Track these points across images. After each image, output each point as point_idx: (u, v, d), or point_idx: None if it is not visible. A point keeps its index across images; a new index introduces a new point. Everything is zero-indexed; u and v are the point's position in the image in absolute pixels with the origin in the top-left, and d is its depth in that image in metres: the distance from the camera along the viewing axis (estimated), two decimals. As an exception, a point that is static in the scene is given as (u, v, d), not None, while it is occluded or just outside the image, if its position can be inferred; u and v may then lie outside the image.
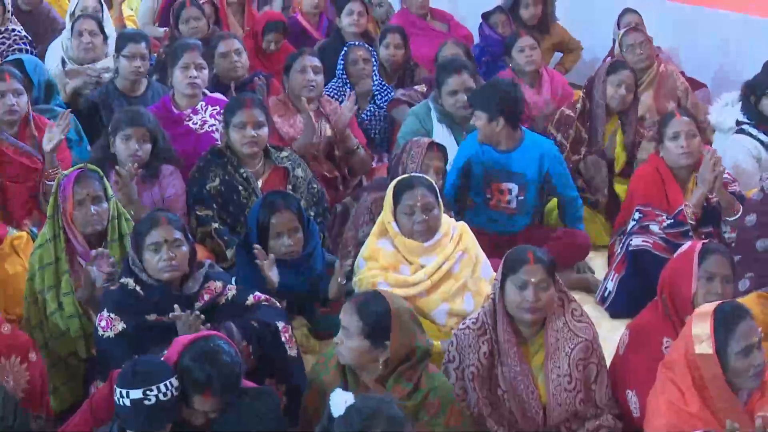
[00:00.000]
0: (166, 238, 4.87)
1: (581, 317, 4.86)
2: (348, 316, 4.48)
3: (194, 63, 6.98)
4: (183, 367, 4.19)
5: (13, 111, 6.39)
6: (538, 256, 4.75)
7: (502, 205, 6.58)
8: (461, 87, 7.04)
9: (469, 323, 4.84)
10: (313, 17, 9.88)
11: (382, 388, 4.44)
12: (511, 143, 6.55)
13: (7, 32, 8.61)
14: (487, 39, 9.21)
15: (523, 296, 4.69)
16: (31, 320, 5.40)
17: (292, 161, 6.42)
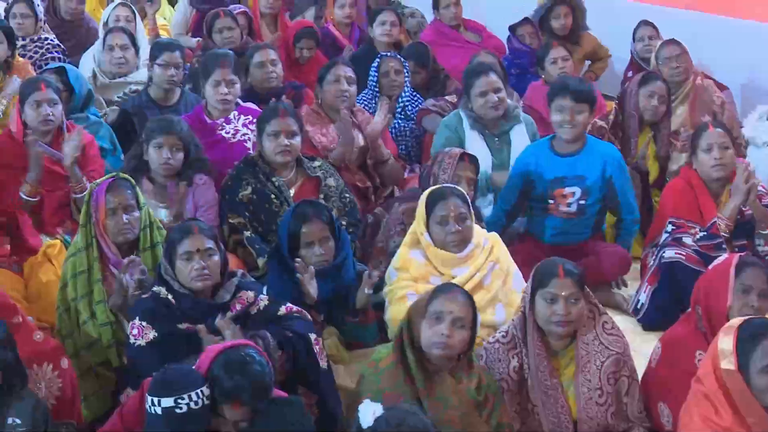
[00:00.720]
0: (198, 248, 4.88)
1: (612, 330, 4.85)
2: (466, 307, 4.54)
3: (225, 80, 6.98)
4: (214, 376, 4.19)
5: (49, 121, 6.41)
6: (568, 269, 4.74)
7: (563, 209, 6.52)
8: (490, 87, 7.03)
9: (499, 337, 4.86)
10: (345, 27, 9.89)
11: (455, 380, 4.56)
12: (576, 147, 6.53)
13: (40, 41, 8.68)
14: (516, 51, 9.21)
15: (553, 310, 4.68)
16: (62, 329, 5.41)
17: (324, 171, 6.42)
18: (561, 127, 6.46)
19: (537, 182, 6.53)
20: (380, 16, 9.00)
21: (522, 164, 6.63)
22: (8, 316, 4.73)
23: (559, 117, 6.45)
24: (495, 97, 7.01)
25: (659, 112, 7.20)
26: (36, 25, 8.77)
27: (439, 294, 4.58)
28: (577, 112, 6.43)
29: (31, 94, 6.41)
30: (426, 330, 4.51)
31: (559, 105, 6.46)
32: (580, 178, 6.45)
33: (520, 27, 9.34)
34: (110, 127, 7.19)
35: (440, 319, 4.50)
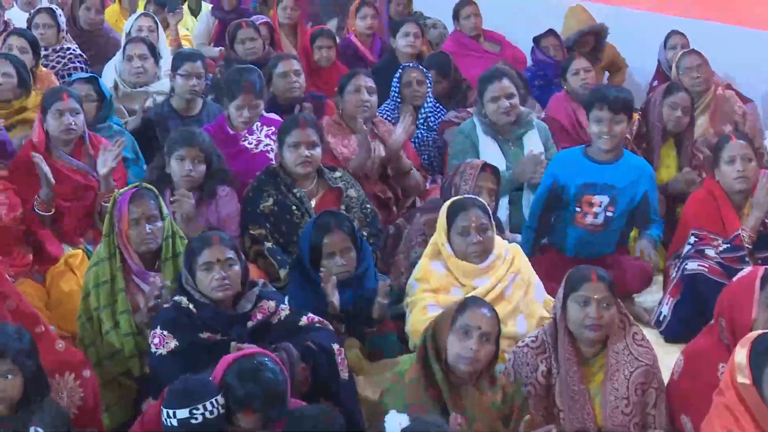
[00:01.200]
0: (219, 258, 4.89)
1: (642, 342, 4.87)
2: (493, 321, 4.57)
3: (249, 105, 6.98)
4: (227, 384, 4.23)
5: (71, 130, 6.43)
6: (600, 274, 4.78)
7: (588, 221, 6.49)
8: (502, 92, 7.04)
9: (528, 341, 4.88)
10: (367, 38, 9.91)
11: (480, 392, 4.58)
12: (611, 156, 6.50)
13: (62, 51, 8.73)
14: (539, 63, 9.21)
15: (585, 313, 4.71)
16: (85, 338, 5.43)
17: (345, 182, 6.42)
18: (599, 138, 6.43)
19: (567, 186, 6.48)
20: (403, 27, 9.01)
21: (553, 168, 6.61)
22: (31, 326, 4.75)
23: (597, 128, 6.42)
24: (507, 102, 7.02)
25: (683, 123, 7.18)
26: (58, 35, 8.82)
27: (466, 308, 4.59)
28: (616, 123, 6.40)
29: (53, 103, 6.43)
30: (453, 344, 4.53)
31: (597, 116, 6.42)
32: (610, 187, 6.41)
33: (544, 39, 9.34)
34: (133, 137, 7.20)
35: (468, 333, 4.52)
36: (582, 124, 7.70)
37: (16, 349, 4.32)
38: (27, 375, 4.35)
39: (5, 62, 7.32)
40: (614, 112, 6.37)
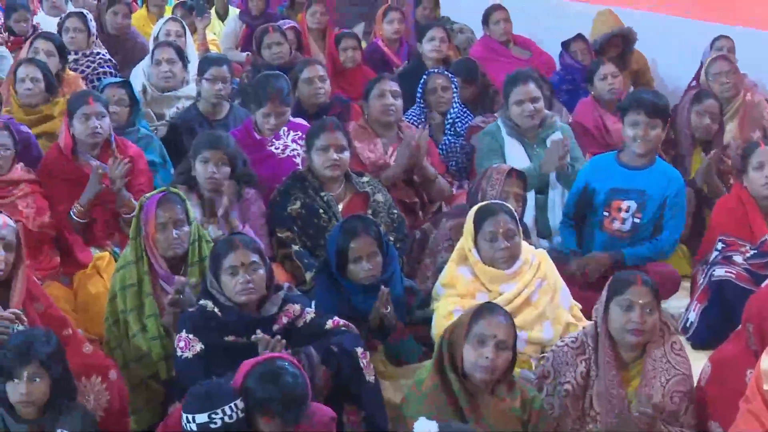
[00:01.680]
0: (243, 262, 4.90)
1: (680, 351, 4.86)
2: (509, 328, 4.55)
3: (276, 112, 6.99)
4: (246, 388, 4.22)
5: (97, 134, 6.45)
6: (645, 279, 4.78)
7: (616, 227, 6.48)
8: (527, 96, 7.03)
9: (568, 341, 4.90)
10: (393, 43, 9.91)
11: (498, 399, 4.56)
12: (643, 162, 6.48)
13: (92, 55, 8.75)
14: (568, 67, 9.19)
15: (628, 317, 4.70)
16: (111, 341, 5.44)
17: (372, 186, 6.42)
18: (634, 141, 6.41)
19: (597, 191, 6.49)
20: (430, 32, 9.01)
21: (584, 172, 6.61)
22: (59, 329, 4.79)
23: (632, 131, 6.40)
24: (531, 106, 7.02)
25: (711, 130, 7.16)
26: (88, 39, 8.84)
27: (481, 316, 4.56)
28: (651, 127, 6.38)
29: (79, 107, 6.45)
30: (469, 353, 4.51)
31: (632, 119, 6.40)
32: (640, 193, 6.40)
33: (573, 43, 9.30)
34: (161, 141, 7.23)
35: (484, 342, 4.50)
36: (608, 129, 7.70)
37: (43, 352, 4.34)
38: (54, 378, 4.38)
39: (33, 67, 7.35)
40: (650, 117, 6.35)
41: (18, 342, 4.38)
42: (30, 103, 7.34)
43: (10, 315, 4.69)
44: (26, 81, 7.29)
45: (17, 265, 4.91)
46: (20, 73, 7.33)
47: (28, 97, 7.32)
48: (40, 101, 7.36)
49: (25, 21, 9.76)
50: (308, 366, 4.72)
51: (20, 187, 6.31)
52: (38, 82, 7.32)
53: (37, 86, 7.32)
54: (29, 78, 7.29)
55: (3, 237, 4.85)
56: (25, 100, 7.33)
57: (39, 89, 7.33)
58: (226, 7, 11.86)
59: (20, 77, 7.31)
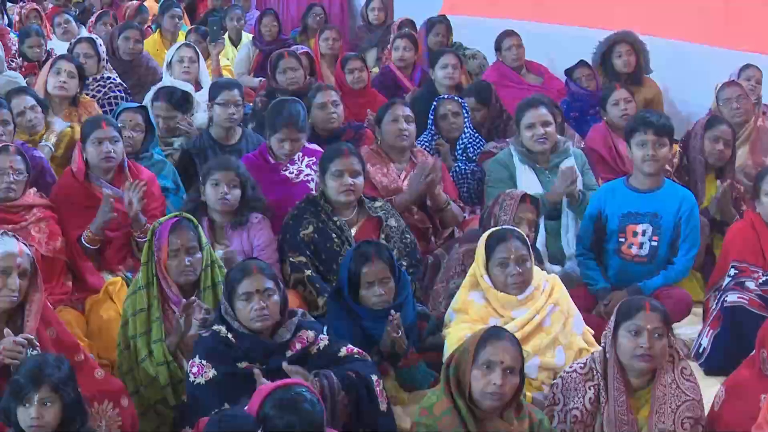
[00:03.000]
0: (258, 288, 4.90)
1: (690, 377, 4.85)
2: (516, 353, 4.53)
3: (291, 138, 7.01)
4: (265, 416, 4.17)
5: (110, 158, 6.46)
6: (654, 304, 4.78)
7: (633, 252, 6.48)
8: (538, 120, 7.04)
9: (577, 367, 4.89)
10: (406, 68, 9.92)
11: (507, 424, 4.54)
12: (653, 184, 6.49)
13: (102, 80, 8.80)
14: (574, 94, 9.18)
15: (637, 342, 4.70)
16: (123, 366, 5.45)
17: (385, 211, 6.43)
18: (643, 162, 6.41)
19: (610, 217, 6.49)
20: (442, 58, 9.01)
21: (596, 200, 6.60)
22: (71, 354, 4.79)
23: (641, 151, 6.41)
24: (542, 130, 7.02)
25: (725, 156, 7.15)
26: (98, 64, 8.89)
27: (488, 342, 4.54)
28: (659, 146, 6.39)
29: (92, 132, 6.47)
30: (477, 379, 4.50)
31: (640, 140, 6.41)
32: (653, 216, 6.41)
33: (576, 70, 9.29)
34: (174, 167, 7.24)
35: (491, 368, 4.48)
36: (621, 154, 7.68)
37: (55, 377, 4.34)
38: (66, 403, 4.37)
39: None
40: (658, 135, 6.36)
41: (30, 367, 4.38)
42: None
43: (23, 340, 4.70)
44: (26, 112, 7.34)
45: (32, 292, 4.92)
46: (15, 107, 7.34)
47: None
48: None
49: (38, 46, 9.83)
50: (328, 390, 4.72)
51: (33, 212, 6.31)
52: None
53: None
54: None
55: (19, 264, 4.86)
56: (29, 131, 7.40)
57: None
58: (239, 33, 11.92)
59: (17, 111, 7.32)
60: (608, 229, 6.50)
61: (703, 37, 9.80)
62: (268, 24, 11.36)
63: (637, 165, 6.50)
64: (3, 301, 4.83)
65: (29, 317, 4.87)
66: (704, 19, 9.85)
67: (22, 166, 6.26)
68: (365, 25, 12.68)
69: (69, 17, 11.22)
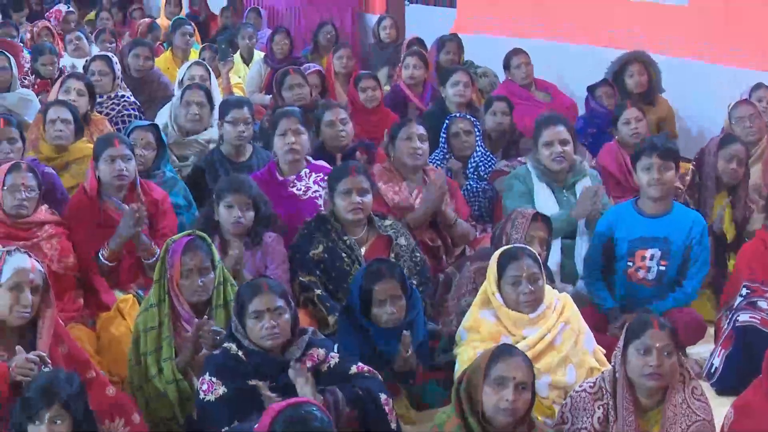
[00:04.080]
0: (268, 307, 4.90)
1: (701, 396, 4.82)
2: (527, 370, 4.53)
3: (291, 129, 7.03)
4: None
5: (123, 176, 6.47)
6: (662, 322, 4.76)
7: (641, 276, 6.46)
8: (556, 138, 7.02)
9: (586, 386, 4.87)
10: (416, 86, 9.93)
11: None
12: (661, 208, 6.48)
13: (117, 98, 8.84)
14: (593, 111, 9.18)
15: (646, 361, 4.68)
16: (133, 382, 5.46)
17: (395, 230, 6.42)
18: (649, 186, 6.40)
19: (619, 241, 6.47)
20: (453, 76, 9.01)
21: (604, 223, 6.59)
22: (82, 371, 4.80)
23: (647, 176, 6.39)
24: (560, 148, 7.01)
25: (738, 175, 7.13)
26: (113, 82, 8.92)
27: (499, 359, 4.54)
28: (665, 170, 6.37)
29: (105, 150, 6.47)
30: (489, 396, 4.49)
31: (646, 163, 6.40)
32: (663, 241, 6.39)
33: (598, 88, 9.30)
34: (185, 184, 7.25)
35: (503, 385, 4.48)
36: (632, 173, 7.66)
37: (66, 393, 4.34)
38: (76, 420, 4.37)
39: (64, 109, 7.41)
40: (663, 159, 6.35)
41: (41, 383, 4.39)
42: (61, 143, 7.39)
43: (35, 357, 4.70)
44: (57, 122, 7.34)
45: (44, 309, 4.93)
46: (51, 114, 7.38)
47: (61, 138, 7.36)
48: (69, 143, 7.40)
49: (51, 64, 9.89)
50: (333, 406, 4.72)
51: (44, 228, 6.32)
52: (70, 123, 7.37)
53: (69, 128, 7.37)
54: (61, 120, 7.35)
55: (31, 280, 4.87)
56: (55, 142, 7.37)
57: (71, 131, 7.38)
58: (250, 51, 11.96)
59: (50, 118, 7.36)
60: (617, 253, 6.48)
61: (714, 56, 9.81)
62: (280, 42, 11.39)
63: (643, 189, 6.49)
64: (15, 318, 4.85)
65: (41, 334, 4.88)
66: (715, 38, 9.85)
67: (34, 183, 6.26)
68: (377, 44, 12.72)
69: (80, 35, 11.26)
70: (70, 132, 7.39)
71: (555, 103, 9.58)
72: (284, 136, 7.03)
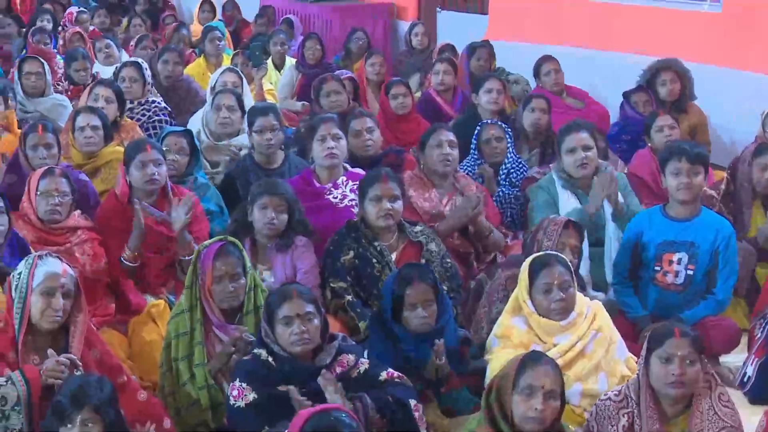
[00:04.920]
0: (298, 312, 4.90)
1: (728, 402, 4.79)
2: (556, 377, 4.53)
3: (330, 134, 7.04)
4: None
5: (154, 181, 6.49)
6: (684, 330, 4.73)
7: (669, 281, 6.43)
8: (579, 144, 7.01)
9: (611, 395, 4.86)
10: (447, 93, 9.92)
11: None
12: (689, 212, 6.45)
13: (147, 104, 8.87)
14: (628, 118, 9.15)
15: (668, 370, 4.66)
16: (165, 388, 5.46)
17: (426, 236, 6.41)
18: (678, 190, 6.37)
19: (646, 245, 6.44)
20: (486, 83, 8.97)
21: (632, 228, 6.56)
22: (114, 376, 4.82)
23: (676, 180, 6.37)
24: (583, 154, 6.99)
25: (773, 184, 7.10)
26: (144, 88, 8.96)
27: (528, 367, 4.53)
28: (694, 174, 6.34)
29: (136, 155, 6.50)
30: (519, 405, 4.49)
31: (674, 168, 6.37)
32: (690, 245, 6.36)
33: (634, 94, 9.27)
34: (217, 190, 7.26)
35: (532, 393, 4.47)
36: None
37: (97, 398, 4.36)
38: (107, 424, 4.39)
39: (93, 116, 7.44)
40: (692, 163, 6.32)
41: (72, 387, 4.41)
42: (90, 150, 7.42)
43: (65, 360, 4.72)
44: (86, 129, 7.37)
45: (76, 313, 4.95)
46: (80, 121, 7.41)
47: (89, 145, 7.39)
48: (97, 150, 7.44)
49: (84, 70, 9.94)
50: (363, 413, 4.72)
51: (77, 234, 6.35)
52: (98, 129, 7.40)
53: (98, 134, 7.40)
54: (90, 126, 7.38)
55: (63, 285, 4.89)
56: (84, 149, 7.41)
57: (100, 137, 7.42)
58: (282, 57, 11.96)
59: (80, 125, 7.39)
60: (644, 257, 6.46)
61: (748, 63, 9.76)
62: (312, 47, 11.40)
63: (672, 193, 6.46)
64: (47, 322, 4.87)
65: (73, 338, 4.91)
66: (748, 45, 9.80)
67: (67, 189, 6.30)
68: (408, 50, 12.72)
69: (110, 42, 11.30)
70: (99, 138, 7.43)
71: (587, 110, 9.54)
72: (323, 141, 7.04)
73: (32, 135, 7.00)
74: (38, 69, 9.09)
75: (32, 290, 4.86)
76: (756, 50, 9.73)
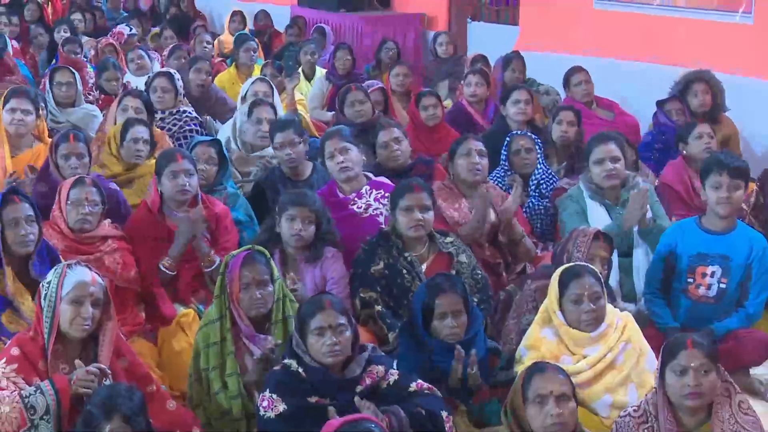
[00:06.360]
0: (330, 324, 4.90)
1: (748, 410, 4.77)
2: (564, 380, 4.56)
3: (336, 149, 7.03)
4: None
5: (185, 191, 6.52)
6: (697, 341, 4.70)
7: (702, 293, 6.40)
8: (607, 155, 6.99)
9: (631, 411, 4.83)
10: (479, 104, 9.91)
11: None
12: (725, 225, 6.41)
13: (178, 113, 8.91)
14: (661, 126, 9.11)
15: (683, 382, 4.64)
16: (194, 398, 5.47)
17: (456, 247, 6.40)
18: (717, 204, 6.33)
19: (680, 257, 6.41)
20: (514, 94, 8.96)
21: (666, 239, 6.53)
22: (143, 385, 4.83)
23: (716, 194, 6.33)
24: (611, 165, 6.97)
25: (802, 196, 7.07)
26: (175, 99, 8.99)
27: (533, 377, 4.57)
28: (734, 189, 6.31)
29: (167, 165, 6.53)
30: (535, 415, 4.52)
31: (715, 181, 6.33)
32: (723, 258, 6.32)
33: (668, 103, 9.23)
34: (246, 200, 7.27)
35: (543, 401, 4.50)
36: (697, 190, 7.60)
37: (126, 407, 4.36)
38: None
39: (144, 128, 7.57)
40: (733, 178, 6.29)
41: (102, 397, 4.42)
42: (136, 163, 7.52)
43: (95, 370, 4.74)
44: (139, 142, 7.46)
45: (105, 322, 4.97)
46: (134, 133, 7.48)
47: (138, 157, 7.50)
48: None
49: (116, 80, 9.99)
50: (397, 426, 4.71)
51: (107, 243, 6.37)
52: (147, 143, 7.53)
53: (146, 148, 7.51)
54: (142, 140, 7.49)
55: (92, 293, 4.91)
56: (135, 160, 7.51)
57: (146, 151, 7.52)
58: (312, 67, 11.99)
59: (134, 137, 7.47)
60: (677, 269, 6.43)
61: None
62: (342, 57, 11.43)
63: (711, 207, 6.42)
64: (76, 330, 4.89)
65: (102, 347, 4.92)
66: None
67: (98, 198, 6.31)
68: (436, 59, 12.72)
69: (142, 53, 11.35)
70: (146, 152, 7.52)
71: (617, 121, 9.51)
72: (333, 158, 7.04)
73: (64, 144, 7.02)
74: (69, 79, 9.14)
75: (61, 299, 4.88)
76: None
